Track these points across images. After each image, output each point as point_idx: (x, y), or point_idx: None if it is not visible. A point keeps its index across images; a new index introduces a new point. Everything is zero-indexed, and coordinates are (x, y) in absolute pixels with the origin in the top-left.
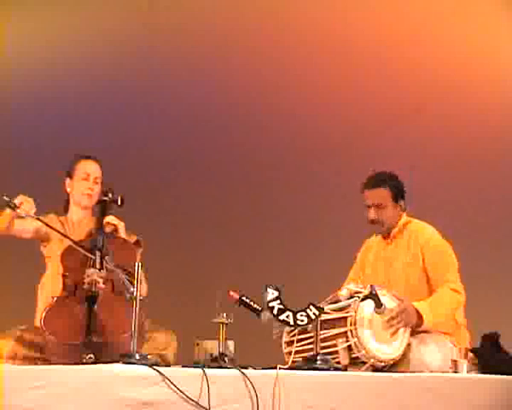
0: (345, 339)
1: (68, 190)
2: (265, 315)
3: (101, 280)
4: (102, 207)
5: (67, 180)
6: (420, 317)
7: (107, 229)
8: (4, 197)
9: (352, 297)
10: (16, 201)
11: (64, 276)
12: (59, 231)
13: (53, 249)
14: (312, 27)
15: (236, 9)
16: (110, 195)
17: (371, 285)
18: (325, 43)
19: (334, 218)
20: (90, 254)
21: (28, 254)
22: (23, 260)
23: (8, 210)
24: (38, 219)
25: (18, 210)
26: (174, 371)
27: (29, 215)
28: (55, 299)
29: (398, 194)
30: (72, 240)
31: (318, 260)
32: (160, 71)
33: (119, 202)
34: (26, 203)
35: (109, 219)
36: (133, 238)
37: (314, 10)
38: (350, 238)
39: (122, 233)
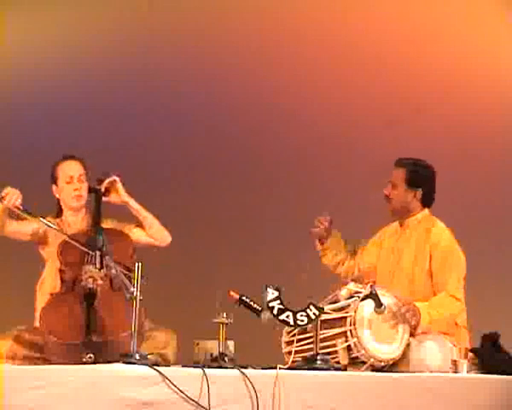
0: (344, 339)
1: (57, 195)
2: (265, 315)
3: (99, 277)
4: (96, 200)
5: (54, 187)
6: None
7: (104, 186)
8: None
9: (351, 297)
10: (2, 193)
11: (62, 271)
12: (53, 227)
13: (52, 251)
14: (313, 28)
15: (237, 9)
16: (106, 179)
17: (371, 285)
18: (325, 43)
19: (334, 218)
20: (87, 250)
21: (28, 254)
22: (22, 260)
23: None
24: (26, 211)
25: (4, 202)
26: (174, 371)
27: (15, 207)
28: (53, 296)
29: (414, 179)
30: (69, 236)
31: (319, 261)
32: (159, 71)
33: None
34: (11, 194)
35: (106, 180)
36: (132, 225)
37: (314, 11)
38: (351, 238)
39: (121, 187)
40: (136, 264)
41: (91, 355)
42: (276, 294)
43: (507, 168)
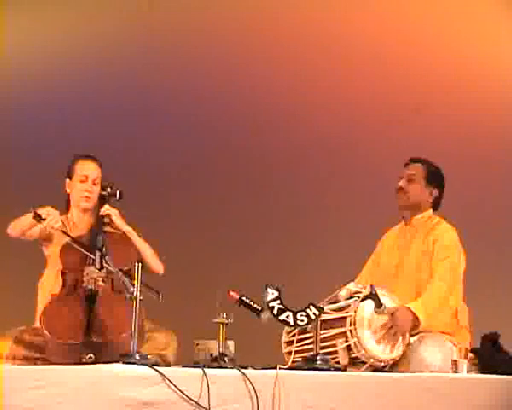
0: (344, 339)
1: (68, 190)
2: (265, 315)
3: (100, 279)
4: (101, 203)
5: (67, 180)
6: (416, 317)
7: (104, 219)
8: (31, 209)
9: (351, 297)
10: (42, 212)
11: (63, 273)
12: (73, 238)
13: (54, 249)
14: (313, 28)
15: (237, 10)
16: (109, 189)
17: (371, 285)
18: (325, 43)
19: (334, 218)
20: (90, 254)
21: (28, 254)
22: (23, 260)
23: (30, 218)
24: (63, 232)
25: (44, 223)
26: (174, 371)
27: (54, 229)
28: (55, 297)
29: (433, 178)
30: (75, 241)
31: (319, 261)
32: (160, 71)
33: (118, 196)
34: (51, 217)
35: (103, 209)
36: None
37: (314, 11)
38: (351, 239)
39: (117, 219)
40: (136, 264)
41: (91, 355)
42: (276, 294)
43: (508, 168)
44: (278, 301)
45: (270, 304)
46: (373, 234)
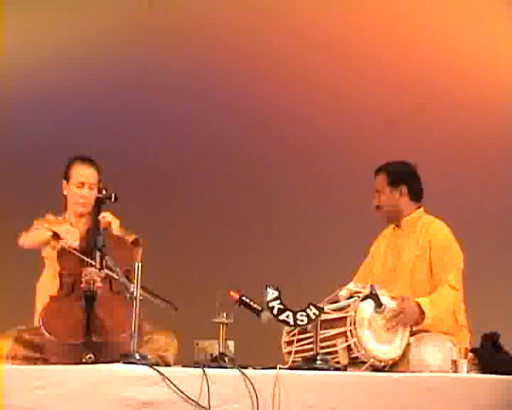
0: (344, 339)
1: (65, 192)
2: (265, 315)
3: (98, 279)
4: (97, 205)
5: (64, 182)
6: (422, 312)
7: (102, 225)
8: (45, 225)
9: (351, 297)
10: (60, 231)
11: (61, 275)
12: (81, 256)
13: (52, 250)
14: (313, 28)
15: (237, 10)
16: (104, 191)
17: (371, 285)
18: (326, 43)
19: (334, 218)
20: (89, 260)
21: (28, 253)
22: (23, 259)
23: (46, 235)
24: (76, 249)
25: (61, 242)
26: (174, 371)
27: (71, 247)
28: (53, 298)
29: (396, 178)
30: (82, 256)
31: (319, 261)
32: (159, 71)
33: (113, 199)
34: (70, 236)
35: (105, 214)
36: (132, 237)
37: (314, 11)
38: (351, 238)
39: (115, 230)
40: (136, 264)
41: (91, 355)
42: (276, 294)
43: (508, 168)
44: (278, 301)
45: (270, 304)
46: (374, 234)
